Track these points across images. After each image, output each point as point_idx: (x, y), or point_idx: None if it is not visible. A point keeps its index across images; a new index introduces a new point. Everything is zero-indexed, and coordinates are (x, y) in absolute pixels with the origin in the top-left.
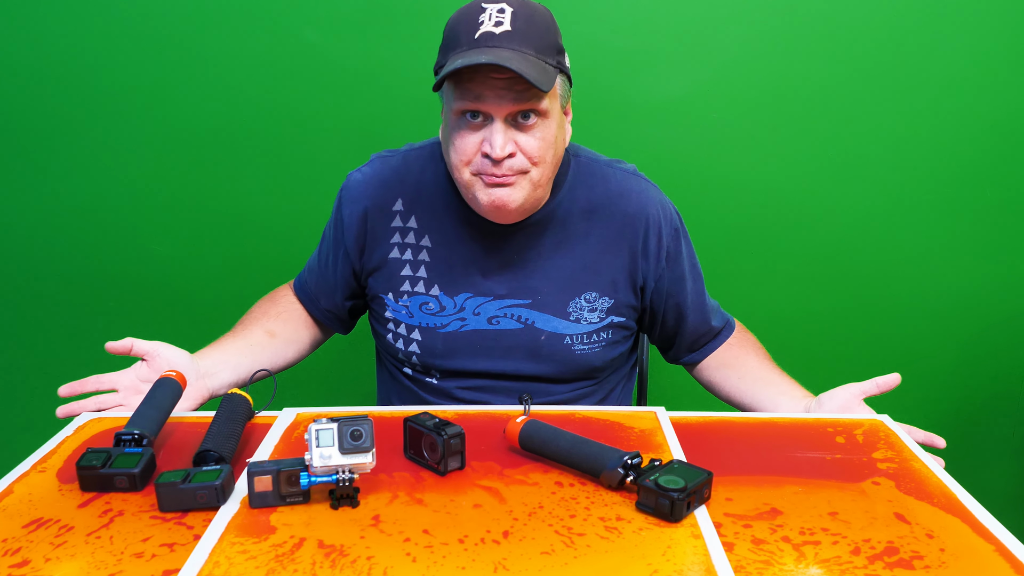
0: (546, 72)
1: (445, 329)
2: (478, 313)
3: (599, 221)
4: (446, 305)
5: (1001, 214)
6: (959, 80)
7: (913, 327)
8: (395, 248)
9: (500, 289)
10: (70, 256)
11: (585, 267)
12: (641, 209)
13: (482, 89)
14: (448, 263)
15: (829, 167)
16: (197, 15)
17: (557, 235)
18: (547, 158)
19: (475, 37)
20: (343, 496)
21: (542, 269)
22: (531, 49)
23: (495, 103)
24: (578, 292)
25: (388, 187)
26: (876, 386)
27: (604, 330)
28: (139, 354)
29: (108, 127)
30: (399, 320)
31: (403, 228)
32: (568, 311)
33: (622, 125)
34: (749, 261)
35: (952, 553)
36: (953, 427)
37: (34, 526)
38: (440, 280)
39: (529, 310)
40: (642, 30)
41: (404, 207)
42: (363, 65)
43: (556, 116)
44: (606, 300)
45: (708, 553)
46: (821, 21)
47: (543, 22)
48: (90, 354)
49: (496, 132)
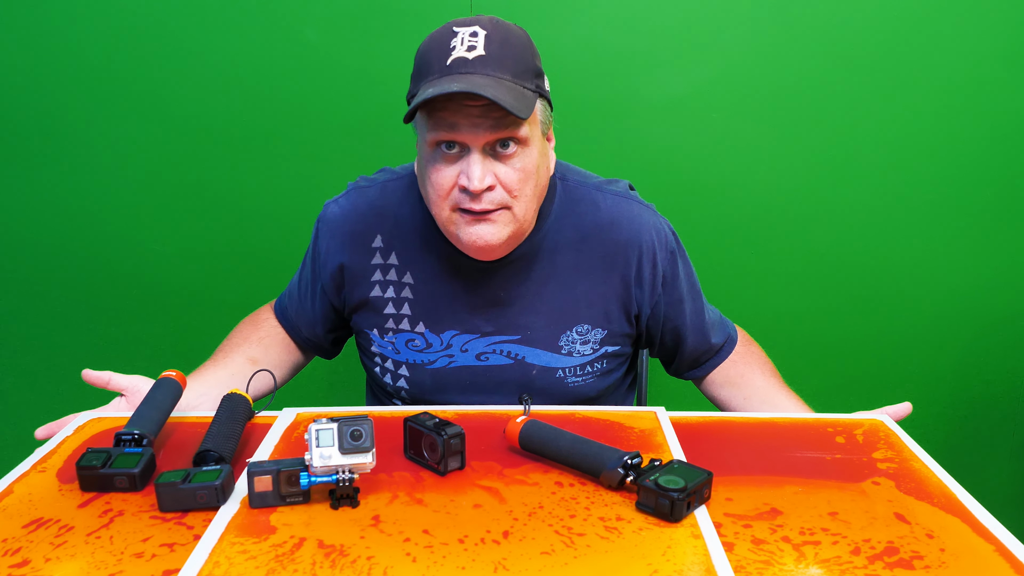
0: (524, 98)
1: (433, 366)
2: (466, 350)
3: (589, 251)
4: (432, 342)
5: (1001, 214)
6: (959, 80)
7: (913, 327)
8: (376, 286)
9: (487, 327)
10: (70, 256)
11: (576, 300)
12: (634, 236)
13: (456, 118)
14: (433, 300)
15: (829, 167)
16: (197, 15)
17: (545, 268)
18: (527, 190)
19: (447, 64)
20: (343, 496)
21: (531, 305)
22: (507, 74)
23: (471, 132)
24: (569, 326)
25: (366, 222)
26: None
27: (598, 360)
28: (117, 388)
29: (108, 127)
30: (386, 355)
31: (384, 265)
32: (560, 344)
33: (622, 125)
34: (749, 261)
35: (952, 553)
36: (953, 427)
37: (34, 526)
38: (425, 318)
39: (519, 345)
40: (642, 30)
41: (383, 243)
42: (363, 65)
43: (537, 143)
44: (599, 331)
45: (708, 553)
46: (821, 21)
47: (519, 44)
48: (90, 354)
49: (474, 163)
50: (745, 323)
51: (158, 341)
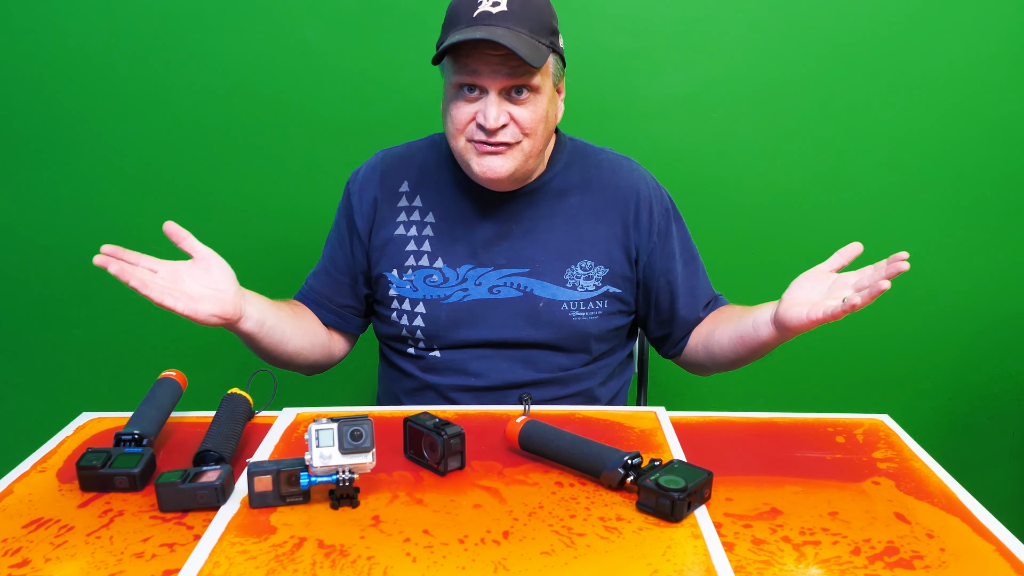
0: (538, 50)
1: (448, 300)
2: (479, 283)
3: (592, 194)
4: (449, 277)
5: (1001, 214)
6: (959, 80)
7: (913, 327)
8: (400, 226)
9: (499, 259)
10: (70, 256)
11: (580, 237)
12: (632, 184)
13: (478, 64)
14: (451, 236)
15: (829, 167)
16: (197, 15)
17: (552, 205)
18: (538, 130)
19: (473, 16)
20: (343, 496)
21: (539, 239)
22: (525, 29)
23: (490, 77)
24: (573, 260)
25: (395, 171)
26: (841, 256)
27: (600, 299)
28: (190, 250)
29: (108, 127)
30: (403, 296)
31: (409, 207)
32: (565, 278)
33: (622, 125)
34: (749, 260)
35: (952, 553)
36: (953, 427)
37: (34, 526)
38: (443, 253)
39: (527, 278)
40: (642, 30)
41: (410, 188)
42: (363, 65)
43: (548, 92)
44: (601, 269)
45: (708, 553)
46: (821, 21)
47: (538, 4)
48: (90, 353)
49: (490, 104)
50: None
51: (158, 341)
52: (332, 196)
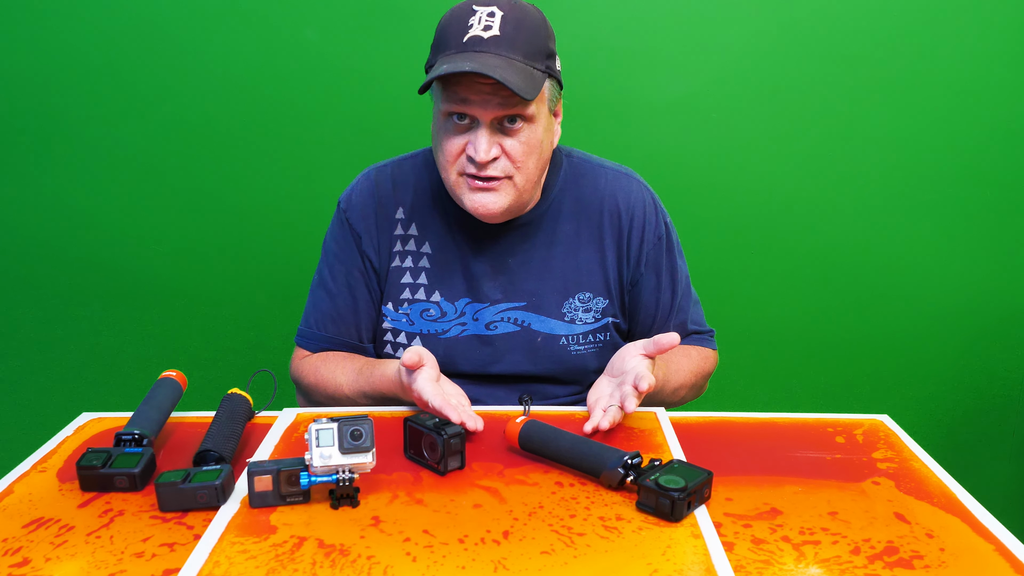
0: (532, 79)
1: (446, 335)
2: (477, 319)
3: (587, 219)
4: (447, 311)
5: (1001, 214)
6: (959, 80)
7: (913, 327)
8: (396, 257)
9: (496, 294)
10: (70, 255)
11: (577, 267)
12: (628, 206)
13: (468, 93)
14: (448, 269)
15: (829, 167)
16: (197, 15)
17: (548, 235)
18: (529, 163)
19: (463, 41)
20: (343, 496)
21: (536, 271)
22: (519, 55)
23: (480, 108)
24: (571, 293)
25: (389, 195)
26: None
27: (600, 331)
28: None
29: (108, 126)
30: (398, 329)
31: (404, 236)
32: (563, 311)
33: (622, 125)
34: (748, 261)
35: (952, 553)
36: (953, 427)
37: (34, 526)
38: (440, 286)
39: (525, 312)
40: (642, 30)
41: (405, 215)
42: (363, 65)
43: (543, 120)
44: (600, 300)
45: (708, 553)
46: (821, 21)
47: (533, 26)
48: (90, 353)
49: (480, 136)
50: (745, 323)
51: (158, 341)
52: (331, 196)
